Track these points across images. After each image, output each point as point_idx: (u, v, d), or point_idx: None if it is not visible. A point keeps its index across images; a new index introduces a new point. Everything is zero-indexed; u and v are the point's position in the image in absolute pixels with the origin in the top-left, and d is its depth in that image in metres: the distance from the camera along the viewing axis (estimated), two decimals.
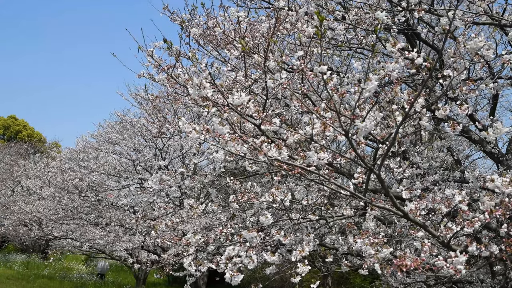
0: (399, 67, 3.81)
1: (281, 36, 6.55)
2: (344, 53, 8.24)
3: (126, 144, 14.87)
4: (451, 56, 4.77)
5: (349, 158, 4.42)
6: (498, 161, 7.14)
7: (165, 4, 7.17)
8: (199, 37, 6.96)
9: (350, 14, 5.85)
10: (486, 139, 4.25)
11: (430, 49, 8.64)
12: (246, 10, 7.11)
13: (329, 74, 3.88)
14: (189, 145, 13.25)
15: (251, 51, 5.58)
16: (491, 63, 6.42)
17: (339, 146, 12.27)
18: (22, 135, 39.05)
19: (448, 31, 3.61)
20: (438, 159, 7.73)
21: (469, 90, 4.52)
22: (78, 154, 16.83)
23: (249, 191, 5.50)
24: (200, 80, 4.07)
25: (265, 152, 3.93)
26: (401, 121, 3.90)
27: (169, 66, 4.90)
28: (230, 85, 5.91)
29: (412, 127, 5.47)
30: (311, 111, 4.09)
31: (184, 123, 4.03)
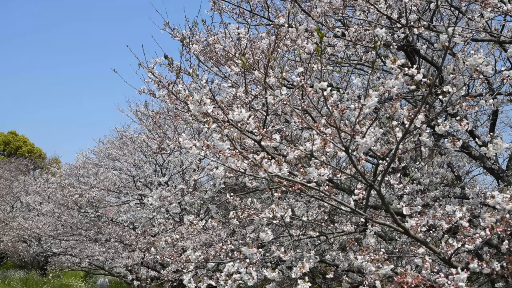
0: (399, 83, 3.82)
1: (281, 53, 6.59)
2: (344, 69, 8.28)
3: (126, 160, 14.85)
4: (451, 73, 4.80)
5: (350, 174, 4.41)
6: (498, 177, 7.13)
7: (165, 21, 7.22)
8: (199, 53, 7.00)
9: (350, 30, 5.89)
10: (486, 155, 4.25)
11: (429, 65, 8.68)
12: (246, 26, 7.16)
13: (329, 91, 3.89)
14: (189, 161, 13.24)
15: (251, 67, 5.60)
16: (490, 79, 6.44)
17: (339, 162, 12.27)
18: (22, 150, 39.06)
19: (447, 48, 3.63)
20: (438, 175, 7.72)
21: (468, 106, 4.53)
22: (78, 170, 16.80)
23: (249, 207, 5.49)
24: (201, 96, 4.08)
25: (265, 168, 3.93)
26: (401, 137, 3.90)
27: (170, 82, 4.92)
28: (230, 101, 5.93)
29: (412, 143, 5.48)
30: (311, 127, 4.10)
31: (184, 139, 4.04)
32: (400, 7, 6.09)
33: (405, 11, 5.86)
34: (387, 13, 5.75)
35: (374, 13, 5.95)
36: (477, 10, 5.22)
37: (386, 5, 5.86)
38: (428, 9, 6.69)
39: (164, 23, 7.22)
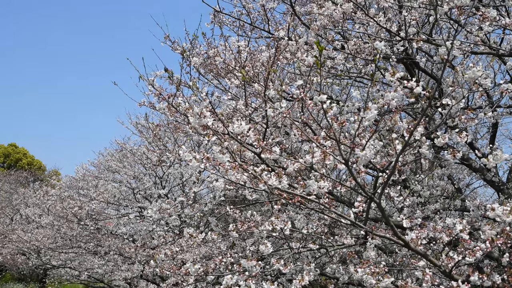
0: (398, 96, 3.83)
1: (281, 65, 6.61)
2: (343, 82, 8.31)
3: (126, 172, 14.84)
4: (450, 85, 4.81)
5: (349, 187, 4.41)
6: (499, 190, 7.12)
7: (166, 34, 7.26)
8: (199, 66, 7.02)
9: (349, 43, 5.92)
10: (486, 167, 4.25)
11: (429, 78, 8.71)
12: (246, 39, 7.20)
13: (329, 103, 3.90)
14: (189, 174, 13.23)
15: (251, 80, 5.62)
16: (489, 91, 6.46)
17: (339, 174, 12.26)
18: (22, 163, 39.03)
19: (447, 61, 3.64)
20: (438, 188, 7.72)
21: (468, 119, 4.54)
22: (78, 182, 16.77)
23: (249, 219, 5.48)
24: (201, 109, 4.09)
25: (265, 180, 3.93)
26: (401, 150, 3.90)
27: (170, 95, 4.93)
28: (230, 114, 5.94)
29: (412, 155, 5.48)
30: (311, 139, 4.10)
31: (184, 151, 4.04)
32: (399, 20, 6.12)
33: (404, 24, 5.89)
34: (386, 26, 5.78)
35: (374, 26, 5.99)
36: (476, 24, 5.25)
37: (385, 18, 5.89)
38: (427, 22, 6.73)
39: (165, 36, 7.26)
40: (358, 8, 5.73)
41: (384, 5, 5.81)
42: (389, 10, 6.33)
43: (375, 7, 6.28)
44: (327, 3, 5.83)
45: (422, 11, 6.14)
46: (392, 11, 6.35)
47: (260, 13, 7.43)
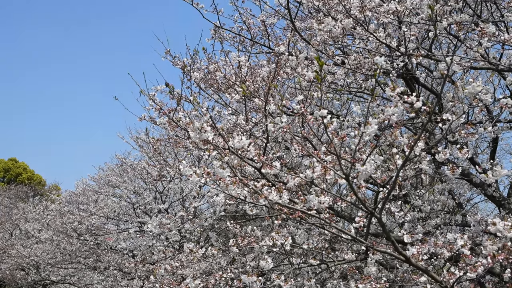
0: (399, 111, 3.84)
1: (282, 80, 6.63)
2: (344, 96, 8.33)
3: (126, 187, 14.82)
4: (450, 100, 4.82)
5: (350, 202, 4.40)
6: (499, 205, 7.11)
7: (167, 49, 7.29)
8: (200, 81, 7.05)
9: (350, 58, 5.94)
10: (486, 182, 4.25)
11: (429, 92, 8.73)
12: (247, 54, 7.23)
13: (329, 118, 3.91)
14: (189, 188, 13.21)
15: (251, 95, 5.64)
16: (489, 106, 6.47)
17: (339, 189, 12.24)
18: (22, 177, 38.96)
19: (446, 76, 3.66)
20: (439, 203, 7.70)
21: (468, 134, 4.54)
22: (78, 197, 16.74)
23: (249, 235, 5.46)
24: (201, 124, 4.10)
25: (266, 195, 3.92)
26: (402, 165, 3.90)
27: (170, 109, 4.94)
28: (230, 129, 5.94)
29: (413, 170, 5.47)
30: (312, 154, 4.10)
31: (185, 166, 4.04)
32: (399, 36, 6.16)
33: (404, 40, 5.92)
34: (386, 42, 5.81)
35: (374, 42, 6.01)
36: (475, 39, 5.28)
37: (385, 34, 5.92)
38: (427, 38, 6.76)
39: (165, 51, 7.29)
40: (358, 24, 5.76)
41: (384, 21, 5.85)
42: (388, 26, 6.36)
43: (375, 22, 6.32)
44: (327, 19, 5.87)
45: (421, 27, 6.18)
46: (392, 27, 6.38)
47: (260, 28, 7.48)
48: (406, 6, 5.72)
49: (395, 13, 5.78)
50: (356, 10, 5.67)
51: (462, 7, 6.51)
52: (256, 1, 7.25)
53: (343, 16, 5.87)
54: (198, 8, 6.75)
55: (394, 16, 5.88)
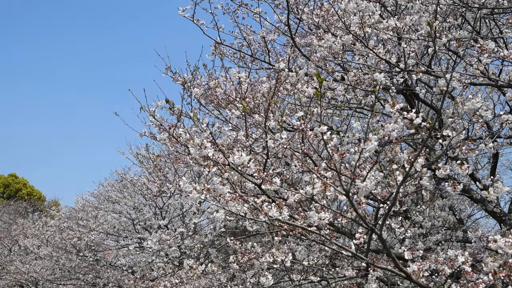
0: (399, 127, 3.84)
1: (282, 96, 6.65)
2: (343, 112, 8.34)
3: (126, 203, 14.77)
4: (450, 117, 4.83)
5: (350, 218, 4.38)
6: (500, 221, 7.08)
7: (167, 65, 7.32)
8: (200, 97, 7.07)
9: (349, 75, 5.96)
10: (488, 198, 4.24)
11: (429, 108, 8.74)
12: (247, 70, 7.26)
13: (329, 134, 3.91)
14: (189, 204, 13.17)
15: (252, 111, 5.65)
16: (489, 122, 6.47)
17: (340, 205, 12.20)
18: (22, 193, 38.88)
19: (446, 92, 3.66)
20: (440, 219, 7.68)
21: (468, 150, 4.54)
22: (77, 212, 16.69)
23: (249, 251, 5.43)
24: (201, 140, 4.10)
25: (266, 211, 3.91)
26: (402, 181, 3.89)
27: (171, 125, 4.95)
28: (231, 145, 5.94)
29: (413, 186, 5.46)
30: (312, 170, 4.10)
31: (185, 182, 4.03)
32: (399, 52, 6.18)
33: (403, 56, 5.95)
34: (385, 58, 5.84)
35: (373, 58, 6.04)
36: (474, 55, 5.30)
37: (385, 50, 5.95)
38: (426, 54, 6.79)
39: (166, 67, 7.32)
40: (358, 40, 5.79)
41: (383, 37, 5.88)
42: (388, 42, 6.39)
43: (374, 39, 6.35)
44: (326, 35, 5.90)
45: (421, 43, 6.21)
46: (391, 43, 6.41)
47: (260, 44, 7.52)
48: (405, 23, 5.75)
49: (395, 29, 5.81)
50: (355, 27, 5.70)
51: (461, 24, 6.56)
52: (256, 17, 7.30)
53: (343, 32, 5.90)
54: (199, 25, 6.80)
55: (393, 33, 5.91)
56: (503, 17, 6.35)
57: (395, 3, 6.59)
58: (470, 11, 6.13)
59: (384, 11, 6.73)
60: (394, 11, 6.64)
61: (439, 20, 5.89)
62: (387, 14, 6.71)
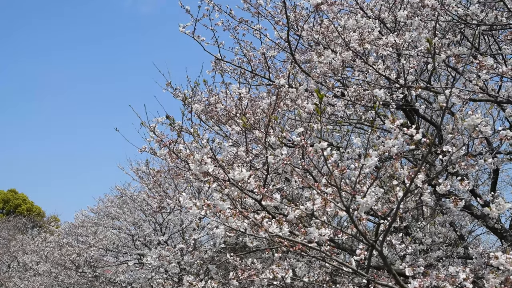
0: (399, 143, 3.85)
1: (282, 112, 6.66)
2: (344, 128, 8.35)
3: (125, 218, 14.73)
4: (449, 132, 4.83)
5: (351, 234, 4.37)
6: (502, 237, 7.06)
7: (168, 81, 7.35)
8: (201, 112, 7.08)
9: (349, 90, 5.98)
10: (489, 215, 4.23)
11: (429, 124, 8.76)
12: (247, 86, 7.28)
13: (329, 150, 3.91)
14: (189, 220, 13.13)
15: (252, 126, 5.66)
16: (489, 138, 6.48)
17: (340, 221, 12.17)
18: (21, 209, 38.77)
19: (446, 108, 3.67)
20: (441, 235, 7.64)
21: (468, 165, 4.54)
22: (77, 228, 16.63)
23: (249, 267, 5.41)
24: (202, 156, 4.10)
25: (266, 228, 3.90)
26: (402, 197, 3.89)
27: (171, 141, 4.95)
28: (231, 160, 5.95)
29: (414, 202, 5.45)
30: (312, 186, 4.09)
31: (185, 198, 4.02)
32: (398, 68, 6.21)
33: (403, 72, 5.97)
34: (385, 74, 5.86)
35: (373, 74, 6.06)
36: (473, 71, 5.32)
37: (384, 66, 5.98)
38: (426, 70, 6.82)
39: (167, 83, 7.35)
40: (357, 56, 5.82)
41: (383, 53, 5.91)
42: (387, 58, 6.42)
43: (374, 55, 6.38)
44: (326, 51, 5.93)
45: (420, 59, 6.23)
46: (391, 59, 6.44)
47: (260, 61, 7.55)
48: (405, 39, 5.79)
49: (394, 46, 5.84)
50: (355, 43, 5.73)
51: (460, 40, 6.60)
52: (256, 34, 7.34)
53: (343, 48, 5.93)
54: (199, 41, 6.83)
55: (393, 49, 5.94)
56: (501, 34, 6.39)
57: (394, 19, 6.63)
58: (469, 27, 6.17)
59: (383, 27, 6.77)
60: (393, 28, 6.68)
61: (438, 36, 5.92)
62: (386, 30, 6.76)
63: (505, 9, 5.66)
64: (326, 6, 6.45)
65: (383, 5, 6.80)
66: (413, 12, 6.00)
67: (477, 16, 5.57)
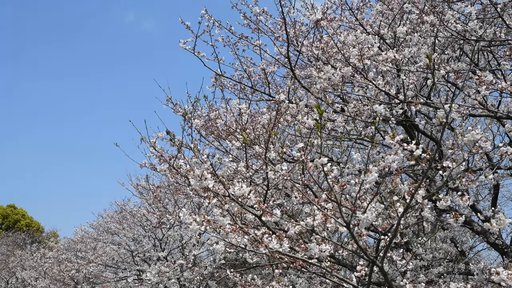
0: (399, 158, 3.84)
1: (282, 128, 6.67)
2: (344, 144, 8.35)
3: (125, 234, 14.68)
4: (450, 148, 4.83)
5: (351, 250, 4.35)
6: (503, 253, 7.02)
7: (168, 96, 7.37)
8: (201, 128, 7.09)
9: (349, 106, 5.99)
10: (490, 230, 4.21)
11: (429, 139, 8.76)
12: (247, 102, 7.30)
13: (330, 166, 3.91)
14: (189, 236, 13.08)
15: (252, 142, 5.66)
16: (489, 153, 6.48)
17: (340, 237, 12.12)
18: (21, 224, 38.64)
19: (446, 123, 3.68)
20: (441, 250, 7.62)
21: (468, 181, 4.53)
22: (76, 244, 16.57)
23: (249, 283, 5.38)
24: (202, 171, 4.09)
25: (266, 243, 3.88)
26: (403, 212, 3.88)
27: (171, 156, 4.95)
28: (231, 176, 5.94)
29: (414, 218, 5.44)
30: (312, 202, 4.08)
31: (185, 213, 4.01)
32: (398, 83, 6.23)
33: (402, 87, 5.99)
34: (385, 89, 5.88)
35: (373, 89, 6.08)
36: (473, 87, 5.34)
37: (384, 82, 5.99)
38: (425, 85, 6.84)
39: (167, 98, 7.36)
40: (357, 72, 5.84)
41: (383, 69, 5.93)
42: (387, 74, 6.45)
43: (374, 70, 6.41)
44: (326, 67, 5.95)
45: (419, 75, 6.26)
46: (391, 75, 6.47)
47: (261, 76, 7.58)
48: (404, 55, 5.81)
49: (394, 61, 5.86)
50: (355, 59, 5.76)
51: (459, 56, 6.63)
52: (256, 50, 7.38)
53: (342, 64, 5.95)
54: (200, 57, 6.86)
55: (392, 65, 5.96)
56: (500, 50, 6.42)
57: (394, 35, 6.67)
58: (468, 43, 6.20)
59: (383, 43, 6.80)
60: (392, 44, 6.72)
61: (437, 52, 5.95)
62: (386, 46, 6.79)
63: (503, 25, 5.69)
64: (325, 22, 6.50)
65: (383, 21, 6.85)
66: (412, 28, 6.04)
67: (476, 32, 5.60)
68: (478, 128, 4.38)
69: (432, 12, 5.77)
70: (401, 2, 6.77)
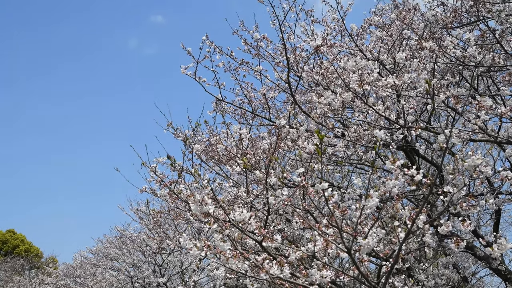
0: (400, 183, 3.84)
1: (282, 152, 6.67)
2: (344, 168, 8.35)
3: (125, 259, 14.58)
4: (450, 173, 4.83)
5: (353, 276, 4.32)
6: (506, 279, 6.96)
7: (169, 121, 7.39)
8: (201, 153, 7.10)
9: (350, 131, 6.01)
10: (492, 256, 4.18)
11: (429, 164, 8.76)
12: (248, 127, 7.31)
13: (330, 191, 3.91)
14: (189, 261, 12.99)
15: (252, 167, 5.66)
16: (490, 178, 6.47)
17: (341, 263, 12.02)
18: (19, 249, 38.39)
19: (446, 148, 3.68)
20: (444, 277, 7.55)
21: (470, 206, 4.51)
22: (75, 270, 16.44)
23: None
24: (202, 196, 4.09)
25: (267, 269, 3.86)
26: (404, 238, 3.86)
27: (172, 181, 4.95)
28: (231, 201, 5.92)
29: (416, 243, 5.40)
30: (313, 227, 4.07)
31: (185, 239, 4.00)
32: (398, 109, 6.26)
33: (402, 112, 6.01)
34: (385, 114, 5.90)
35: (373, 114, 6.10)
36: (473, 112, 5.36)
37: (384, 107, 6.02)
38: (425, 110, 6.87)
39: (168, 123, 7.38)
40: (357, 97, 5.87)
41: (383, 94, 5.96)
42: (387, 99, 6.48)
43: (374, 96, 6.44)
44: (326, 92, 5.98)
45: (419, 100, 6.29)
46: (391, 100, 6.50)
47: (261, 101, 7.62)
48: (404, 80, 5.85)
49: (393, 87, 5.90)
50: (355, 84, 5.79)
51: (459, 81, 6.67)
52: (257, 75, 7.43)
53: (343, 89, 5.99)
54: (201, 82, 6.90)
55: (392, 90, 5.99)
56: (499, 75, 6.46)
57: (393, 61, 6.72)
58: (467, 69, 6.25)
59: (382, 69, 6.85)
60: (392, 69, 6.76)
61: (437, 77, 5.99)
62: (385, 72, 6.84)
63: (502, 51, 5.74)
64: (325, 48, 6.56)
65: (382, 47, 6.91)
66: (411, 54, 6.09)
67: (475, 58, 5.64)
68: (479, 153, 4.39)
69: (431, 38, 5.83)
70: (400, 28, 6.84)
